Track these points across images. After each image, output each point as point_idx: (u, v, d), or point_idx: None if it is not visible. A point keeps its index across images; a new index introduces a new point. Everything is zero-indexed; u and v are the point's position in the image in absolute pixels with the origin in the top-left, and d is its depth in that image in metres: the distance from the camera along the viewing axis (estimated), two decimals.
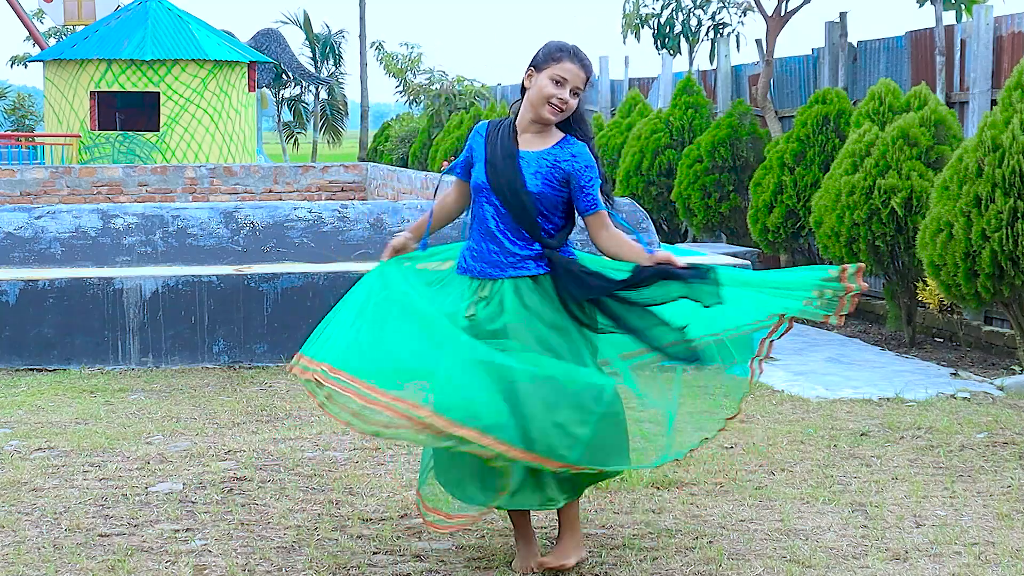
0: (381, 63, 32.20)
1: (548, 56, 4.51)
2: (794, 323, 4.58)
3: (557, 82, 4.48)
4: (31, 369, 8.40)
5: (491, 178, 4.53)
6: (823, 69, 12.77)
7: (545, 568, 4.52)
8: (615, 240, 4.60)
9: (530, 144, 4.56)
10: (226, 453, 6.21)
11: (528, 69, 4.55)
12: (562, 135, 4.59)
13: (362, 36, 35.20)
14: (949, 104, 10.83)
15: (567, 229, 4.63)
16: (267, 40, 29.56)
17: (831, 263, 11.28)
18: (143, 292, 8.48)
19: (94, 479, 5.75)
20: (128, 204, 10.71)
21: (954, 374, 8.55)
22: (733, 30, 17.25)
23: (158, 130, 23.53)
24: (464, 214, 4.85)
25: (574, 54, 4.51)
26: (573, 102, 4.51)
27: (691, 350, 4.55)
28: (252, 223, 9.23)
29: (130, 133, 23.66)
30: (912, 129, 9.62)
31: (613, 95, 18.84)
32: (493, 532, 4.98)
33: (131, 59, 23.15)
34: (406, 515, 5.22)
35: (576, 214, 4.65)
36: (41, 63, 24.46)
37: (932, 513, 5.27)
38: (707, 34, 17.26)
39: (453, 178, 4.80)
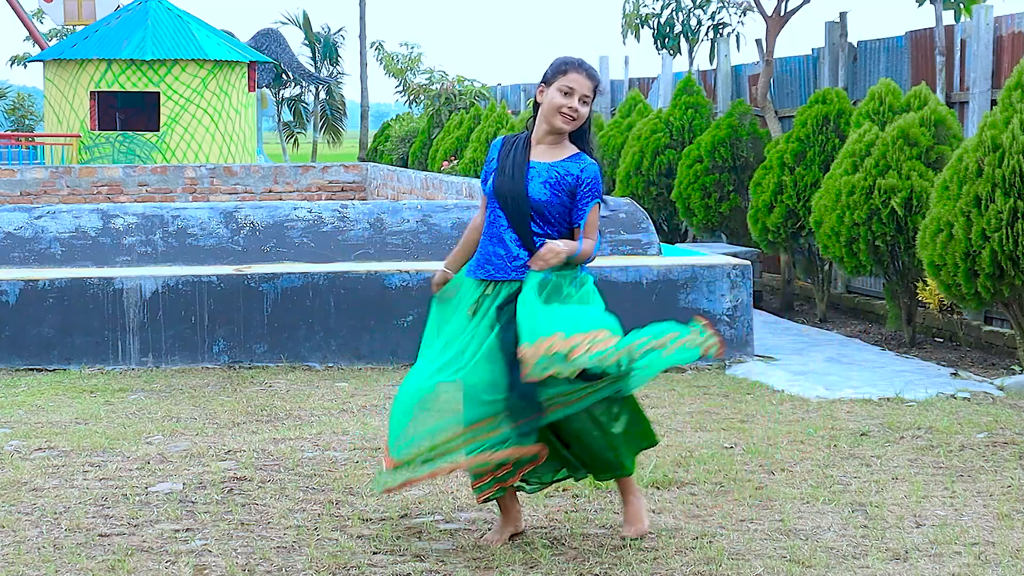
0: (381, 63, 32.17)
1: (555, 70, 4.77)
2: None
3: (565, 92, 4.73)
4: (31, 369, 8.41)
5: (498, 185, 4.78)
6: (823, 69, 12.77)
7: (626, 537, 4.86)
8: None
9: (543, 155, 4.80)
10: (226, 453, 6.21)
11: (539, 85, 4.82)
12: (576, 151, 4.82)
13: (362, 36, 35.17)
14: (949, 104, 10.83)
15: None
16: (267, 40, 29.55)
17: (831, 262, 11.30)
18: (143, 292, 8.49)
19: (94, 479, 5.75)
20: (128, 204, 10.71)
21: (954, 374, 8.54)
22: (733, 30, 17.22)
23: (158, 130, 23.53)
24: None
25: (579, 65, 4.77)
26: (583, 110, 4.75)
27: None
28: (252, 223, 9.23)
29: (130, 133, 23.67)
30: (912, 129, 9.62)
31: (613, 95, 18.85)
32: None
33: (131, 59, 23.15)
34: (406, 515, 5.23)
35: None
36: (41, 63, 24.47)
37: (932, 513, 5.27)
38: (707, 34, 17.23)
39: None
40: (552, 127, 4.76)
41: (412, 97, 29.01)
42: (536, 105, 4.86)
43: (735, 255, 11.29)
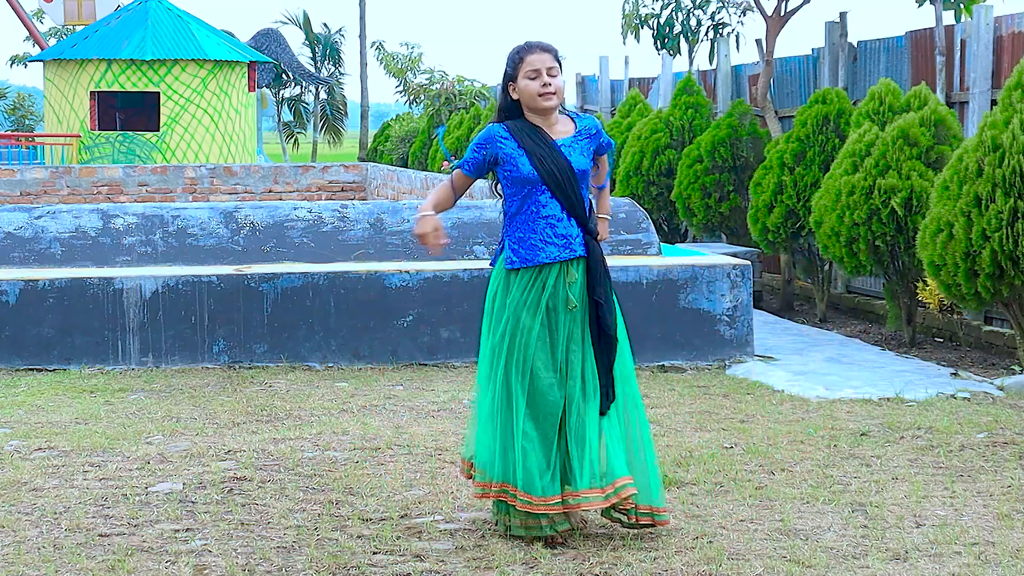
0: (381, 63, 32.20)
1: (513, 63, 4.97)
2: None
3: (532, 77, 4.92)
4: (31, 369, 8.41)
5: (540, 168, 4.92)
6: (823, 69, 12.77)
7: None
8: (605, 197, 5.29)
9: (558, 134, 4.99)
10: (226, 453, 6.21)
11: (508, 85, 4.98)
12: (569, 112, 5.08)
13: (362, 36, 35.20)
14: (949, 104, 10.83)
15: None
16: (267, 40, 29.57)
17: (831, 262, 11.30)
18: (143, 292, 8.49)
19: (94, 479, 5.75)
20: (128, 204, 10.71)
21: (954, 374, 8.54)
22: (733, 30, 17.22)
23: (158, 130, 23.54)
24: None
25: (530, 47, 4.98)
26: (558, 81, 4.94)
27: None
28: (252, 223, 9.23)
29: (130, 133, 23.68)
30: (912, 129, 9.62)
31: (613, 95, 18.84)
32: (493, 532, 4.99)
33: (131, 59, 23.16)
34: (406, 515, 5.23)
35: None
36: (41, 63, 24.49)
37: (932, 513, 5.27)
38: (707, 34, 17.23)
39: (455, 173, 5.17)
40: (541, 110, 4.94)
41: (412, 97, 29.03)
42: (510, 104, 4.98)
43: (735, 255, 11.29)
